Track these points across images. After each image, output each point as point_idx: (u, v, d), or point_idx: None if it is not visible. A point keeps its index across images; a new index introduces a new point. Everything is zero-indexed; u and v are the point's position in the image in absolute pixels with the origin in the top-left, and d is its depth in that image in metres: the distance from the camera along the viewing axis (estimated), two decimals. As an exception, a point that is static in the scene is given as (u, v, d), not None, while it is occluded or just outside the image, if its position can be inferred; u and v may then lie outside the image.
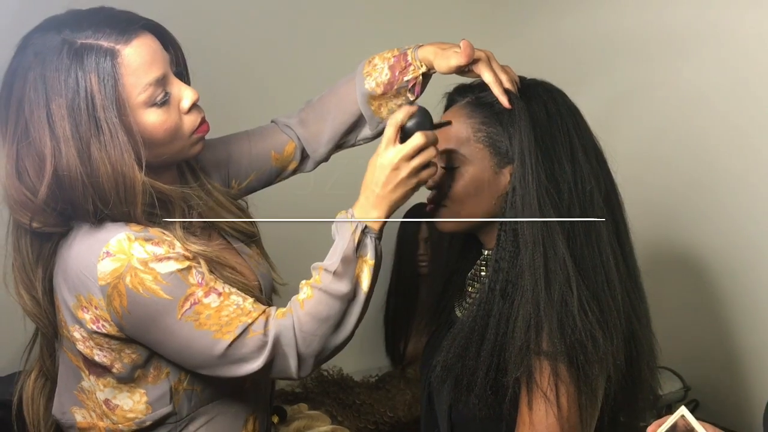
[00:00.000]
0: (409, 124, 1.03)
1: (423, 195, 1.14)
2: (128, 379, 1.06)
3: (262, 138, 1.27)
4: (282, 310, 1.05)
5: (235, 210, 1.20)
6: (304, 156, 1.29)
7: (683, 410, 0.80)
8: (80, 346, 1.05)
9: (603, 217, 1.04)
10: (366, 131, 1.25)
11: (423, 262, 2.08)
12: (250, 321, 1.02)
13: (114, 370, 1.05)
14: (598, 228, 1.04)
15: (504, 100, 1.05)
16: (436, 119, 1.09)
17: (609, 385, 1.01)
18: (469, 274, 1.17)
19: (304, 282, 1.05)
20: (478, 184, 1.07)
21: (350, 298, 1.03)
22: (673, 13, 1.78)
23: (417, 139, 1.02)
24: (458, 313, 1.17)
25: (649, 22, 1.84)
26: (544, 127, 1.04)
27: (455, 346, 1.06)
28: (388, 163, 1.02)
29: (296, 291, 1.06)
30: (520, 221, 1.02)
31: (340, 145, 1.28)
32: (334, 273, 1.02)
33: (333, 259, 1.03)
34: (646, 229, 1.26)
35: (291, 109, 1.30)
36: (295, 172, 1.31)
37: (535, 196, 1.01)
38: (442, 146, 1.08)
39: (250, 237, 1.20)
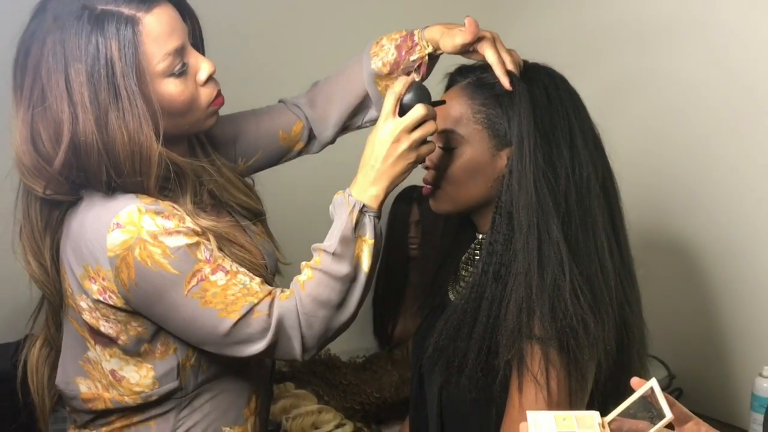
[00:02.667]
0: (408, 98, 1.03)
1: (417, 178, 1.14)
2: (134, 352, 1.06)
3: (270, 116, 1.27)
4: (286, 291, 1.05)
5: (243, 187, 1.19)
6: (311, 137, 1.29)
7: (653, 382, 0.79)
8: (86, 316, 1.04)
9: (599, 204, 1.05)
10: (372, 113, 1.25)
11: (413, 245, 2.08)
12: (255, 301, 1.01)
13: (120, 342, 1.05)
14: (594, 214, 1.04)
15: (505, 81, 1.05)
16: (437, 99, 1.09)
17: (599, 371, 1.02)
18: (463, 257, 1.18)
19: (304, 263, 1.05)
20: (475, 165, 1.07)
21: (351, 278, 1.03)
22: (668, 4, 1.79)
23: (418, 110, 1.02)
24: (451, 296, 1.17)
25: (645, 12, 1.84)
26: (543, 111, 1.04)
27: (447, 328, 1.06)
28: (388, 136, 1.02)
29: (299, 271, 1.06)
30: (516, 204, 1.02)
31: (346, 126, 1.28)
32: (334, 254, 1.02)
33: (332, 240, 1.02)
34: (639, 216, 1.27)
35: (300, 89, 1.30)
36: (301, 153, 1.31)
37: (531, 179, 1.01)
38: (440, 126, 1.08)
39: (257, 215, 1.21)
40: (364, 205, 1.03)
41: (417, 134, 1.02)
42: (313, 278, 1.03)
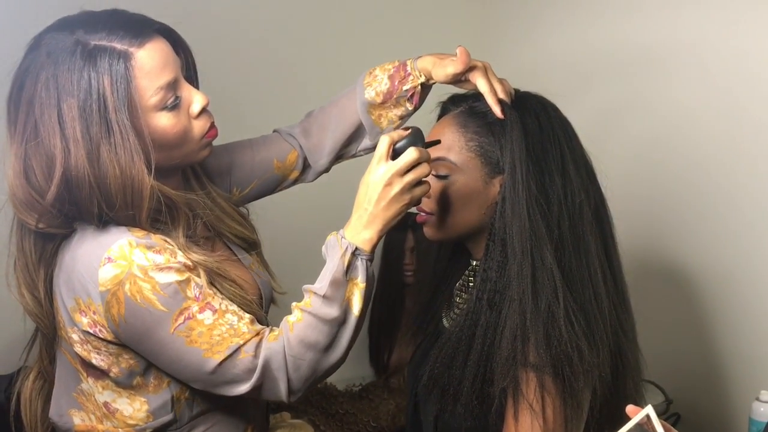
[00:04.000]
0: (401, 143, 1.03)
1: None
2: (126, 385, 1.05)
3: (265, 146, 1.27)
4: (275, 332, 1.04)
5: (238, 217, 1.20)
6: (305, 165, 1.29)
7: (649, 409, 0.79)
8: (78, 348, 1.04)
9: (592, 231, 1.05)
10: (366, 141, 1.26)
11: (409, 272, 2.08)
12: (241, 342, 1.01)
13: (111, 374, 1.04)
14: (587, 241, 1.05)
15: (497, 110, 1.06)
16: (429, 127, 1.10)
17: (594, 397, 1.02)
18: (457, 284, 1.18)
19: (295, 304, 1.05)
20: (468, 193, 1.07)
21: (340, 321, 1.02)
22: (658, 31, 1.80)
23: (410, 154, 1.02)
24: (446, 324, 1.17)
25: (635, 38, 1.86)
26: (535, 139, 1.05)
27: (442, 356, 1.06)
28: (380, 179, 1.01)
29: (297, 299, 1.05)
30: (509, 231, 1.02)
31: (341, 155, 1.28)
32: (324, 297, 1.01)
33: (322, 282, 1.02)
34: (632, 242, 1.27)
35: (295, 119, 1.31)
36: (296, 181, 1.31)
37: (524, 206, 1.02)
38: (433, 154, 1.08)
39: (252, 245, 1.21)
40: (356, 248, 1.02)
41: (410, 177, 1.02)
42: (302, 320, 1.02)
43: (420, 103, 1.21)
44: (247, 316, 1.04)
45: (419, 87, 1.18)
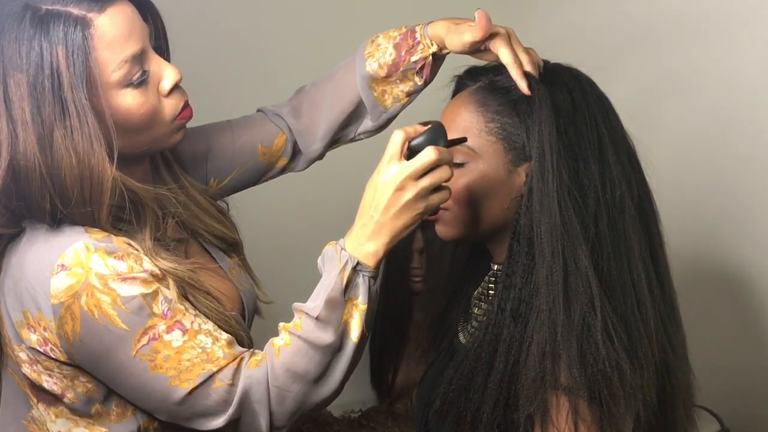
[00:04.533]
0: (419, 139, 1.02)
1: None
2: (84, 413, 1.05)
3: (248, 128, 1.27)
4: (257, 356, 1.04)
5: (216, 213, 1.20)
6: (295, 151, 1.30)
7: None
8: (26, 369, 1.04)
9: (635, 229, 1.05)
10: (367, 123, 1.26)
11: (417, 278, 2.08)
12: (215, 369, 1.01)
13: (66, 400, 1.04)
14: (629, 240, 1.05)
15: (523, 85, 1.05)
16: (442, 106, 1.10)
17: (637, 425, 1.02)
18: (475, 293, 1.18)
19: (282, 325, 1.05)
20: (489, 183, 1.08)
21: (335, 349, 1.02)
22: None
23: (428, 154, 1.00)
24: (462, 339, 1.17)
25: (683, 2, 1.85)
26: (568, 119, 1.05)
27: (458, 377, 1.06)
28: (391, 182, 1.00)
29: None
30: (537, 229, 1.02)
31: (337, 139, 1.28)
32: (317, 319, 1.01)
33: (316, 301, 1.02)
34: (682, 242, 1.27)
35: (286, 95, 1.31)
36: (284, 170, 1.31)
37: (555, 199, 1.02)
38: (449, 137, 1.07)
39: (233, 245, 1.21)
40: (358, 263, 1.01)
41: (426, 182, 1.00)
42: (290, 345, 1.02)
43: (431, 77, 1.21)
44: (225, 336, 1.04)
45: (430, 58, 1.18)
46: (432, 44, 1.17)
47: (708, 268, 1.81)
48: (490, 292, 1.13)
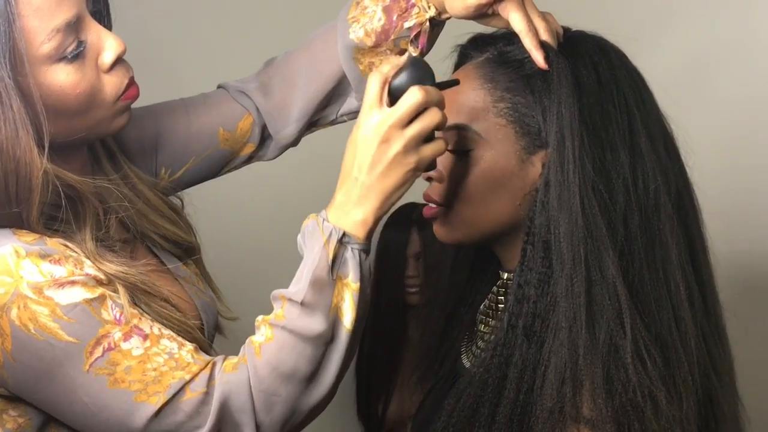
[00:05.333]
0: (400, 79, 1.03)
1: (416, 192, 1.14)
2: None
3: (207, 109, 1.28)
4: (233, 360, 1.04)
5: (168, 211, 1.21)
6: (264, 136, 1.30)
7: None
8: None
9: (672, 230, 1.05)
10: (351, 102, 1.27)
11: (413, 288, 2.08)
12: (188, 377, 1.01)
13: None
14: (665, 244, 1.05)
15: (539, 57, 1.05)
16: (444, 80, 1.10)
17: (675, 466, 1.03)
18: (481, 306, 1.18)
19: (261, 318, 1.05)
20: (498, 175, 1.08)
21: (327, 339, 1.02)
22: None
23: (412, 95, 1.01)
24: (466, 362, 1.18)
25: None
26: (593, 99, 1.05)
27: (461, 408, 1.06)
28: (373, 134, 1.01)
29: (251, 327, 1.06)
30: (554, 230, 1.02)
31: (315, 121, 1.29)
32: (302, 304, 1.01)
33: (300, 284, 1.02)
34: (731, 248, 1.27)
35: (250, 71, 1.31)
36: (251, 159, 1.32)
37: (577, 195, 1.02)
38: (449, 121, 1.08)
39: (188, 250, 1.21)
40: (344, 234, 1.03)
41: (414, 129, 1.02)
42: (273, 339, 1.02)
43: (429, 46, 1.21)
44: (190, 344, 1.05)
45: (427, 24, 1.18)
46: (429, 7, 1.17)
47: (760, 277, 1.82)
48: (500, 305, 1.14)
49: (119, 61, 1.06)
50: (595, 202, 1.02)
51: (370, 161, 1.01)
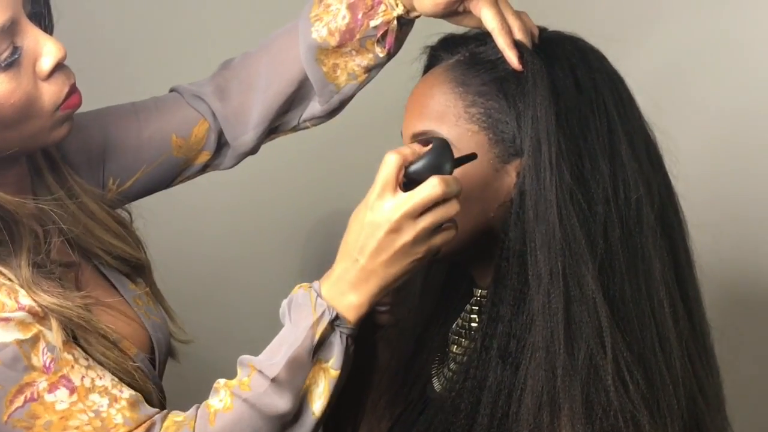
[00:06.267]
0: (417, 165, 1.02)
1: None
2: None
3: (159, 114, 1.27)
4: (177, 417, 1.04)
5: (115, 226, 1.19)
6: (221, 143, 1.30)
7: None
8: None
9: (656, 243, 1.06)
10: (314, 107, 1.27)
11: (381, 307, 2.07)
12: None
13: None
14: (648, 258, 1.05)
15: (512, 57, 1.06)
16: (411, 85, 1.10)
17: (659, 496, 1.03)
18: (453, 326, 1.18)
19: (223, 382, 1.04)
20: (470, 185, 1.07)
21: (289, 420, 1.02)
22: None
23: (431, 187, 0.99)
24: (437, 386, 1.18)
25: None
26: (570, 103, 1.05)
27: (431, 434, 1.06)
28: (383, 221, 0.99)
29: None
30: (530, 243, 1.02)
31: (275, 127, 1.29)
32: (273, 381, 1.01)
33: (275, 358, 1.02)
34: (717, 260, 1.28)
35: (205, 73, 1.31)
36: (206, 168, 1.31)
37: (554, 204, 1.02)
38: (417, 125, 1.09)
39: (137, 268, 1.20)
40: (337, 316, 1.02)
41: (428, 221, 1.00)
42: (232, 409, 1.02)
43: (396, 47, 1.22)
44: (127, 395, 1.04)
45: (395, 23, 1.18)
46: (397, 5, 1.17)
47: (749, 293, 1.83)
48: (473, 324, 1.14)
49: (59, 67, 1.05)
50: (573, 213, 1.02)
51: (375, 246, 1.00)
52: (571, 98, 1.06)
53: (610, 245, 1.03)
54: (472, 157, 1.05)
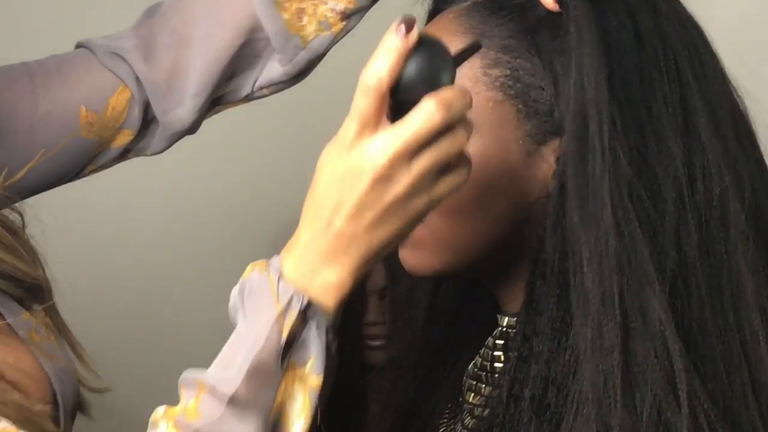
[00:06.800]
0: (406, 73, 0.98)
1: None
2: None
3: (62, 79, 1.29)
4: None
5: (4, 234, 1.20)
6: (148, 119, 1.31)
7: None
8: None
9: (747, 254, 1.06)
10: (273, 67, 1.28)
11: (375, 341, 2.09)
12: None
13: None
14: (737, 271, 1.05)
15: None
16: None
17: None
18: (470, 367, 1.19)
19: (162, 411, 1.04)
20: (492, 175, 1.08)
21: None
22: None
23: (428, 115, 0.96)
24: (448, 444, 1.18)
25: None
26: (630, 62, 1.05)
27: None
28: (368, 166, 0.97)
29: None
30: (574, 256, 1.02)
31: (220, 96, 1.31)
32: (231, 401, 1.00)
33: (230, 370, 1.00)
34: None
35: (123, 24, 1.32)
36: (127, 152, 1.34)
37: (607, 203, 1.02)
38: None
39: (33, 291, 1.21)
40: (309, 302, 1.01)
41: (428, 161, 0.97)
42: None
43: None
44: None
45: None
46: None
47: None
48: (496, 365, 1.14)
49: None
50: (633, 215, 1.02)
51: (356, 203, 0.98)
52: (629, 55, 1.05)
53: (685, 257, 1.03)
54: (476, 47, 1.03)
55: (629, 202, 1.02)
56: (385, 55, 0.96)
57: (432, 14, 1.16)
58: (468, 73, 1.08)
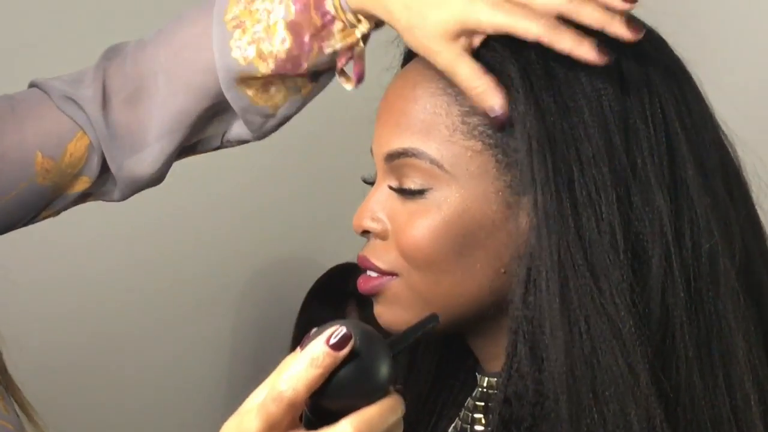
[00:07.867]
0: (336, 380, 0.91)
1: (355, 248, 1.15)
2: None
3: (17, 122, 1.28)
4: None
5: None
6: (107, 166, 1.29)
7: None
8: None
9: (739, 317, 1.04)
10: (238, 127, 1.28)
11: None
12: None
13: None
14: (727, 334, 1.03)
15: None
16: (383, 82, 1.10)
17: None
18: (450, 429, 1.18)
19: None
20: (470, 228, 1.07)
21: None
22: None
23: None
24: None
25: None
26: (612, 109, 1.04)
27: None
28: None
29: None
30: (551, 320, 1.01)
31: (187, 148, 1.30)
32: None
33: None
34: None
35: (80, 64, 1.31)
36: (85, 197, 1.33)
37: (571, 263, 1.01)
38: (393, 144, 1.08)
39: None
40: None
41: None
42: None
43: (362, 72, 1.21)
44: None
45: (361, 45, 1.19)
46: (359, 21, 1.16)
47: None
48: (476, 428, 1.13)
49: None
50: (612, 272, 1.01)
51: None
52: (612, 102, 1.04)
53: (671, 318, 1.02)
54: (432, 320, 1.00)
55: (607, 259, 1.01)
56: (306, 367, 0.91)
57: (407, 58, 1.15)
58: (446, 122, 1.07)
